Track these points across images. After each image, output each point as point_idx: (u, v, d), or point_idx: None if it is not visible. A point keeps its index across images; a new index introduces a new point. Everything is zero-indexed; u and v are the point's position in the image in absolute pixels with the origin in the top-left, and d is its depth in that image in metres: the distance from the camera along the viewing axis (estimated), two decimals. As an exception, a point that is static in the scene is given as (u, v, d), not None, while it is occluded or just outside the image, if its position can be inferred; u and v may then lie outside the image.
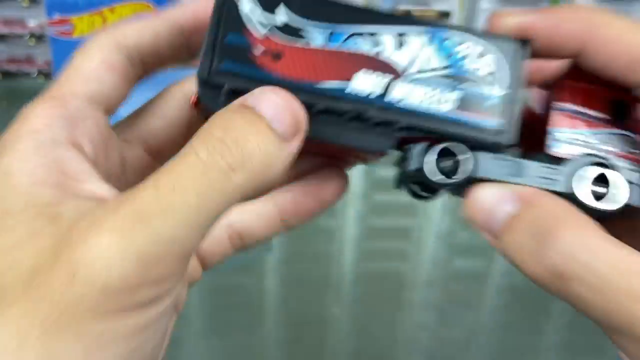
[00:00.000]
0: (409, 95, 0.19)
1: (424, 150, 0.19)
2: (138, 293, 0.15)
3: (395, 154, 0.20)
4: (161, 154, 0.21)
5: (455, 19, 0.90)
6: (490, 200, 0.18)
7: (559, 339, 0.48)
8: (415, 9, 0.89)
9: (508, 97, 0.19)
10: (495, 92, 0.19)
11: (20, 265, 0.15)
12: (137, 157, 0.21)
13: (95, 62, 0.19)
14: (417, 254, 0.55)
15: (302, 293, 0.51)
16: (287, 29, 0.18)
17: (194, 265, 0.23)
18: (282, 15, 0.19)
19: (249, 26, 0.18)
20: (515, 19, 0.19)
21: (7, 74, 0.88)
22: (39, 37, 0.87)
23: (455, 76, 0.19)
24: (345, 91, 0.19)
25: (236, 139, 0.16)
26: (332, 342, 0.47)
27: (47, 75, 0.89)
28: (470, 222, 0.18)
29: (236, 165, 0.16)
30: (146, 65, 0.21)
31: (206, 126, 0.17)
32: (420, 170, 0.19)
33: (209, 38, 0.19)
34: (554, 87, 0.20)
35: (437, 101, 0.19)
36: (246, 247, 0.23)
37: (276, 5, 0.18)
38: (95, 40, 0.20)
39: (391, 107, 0.19)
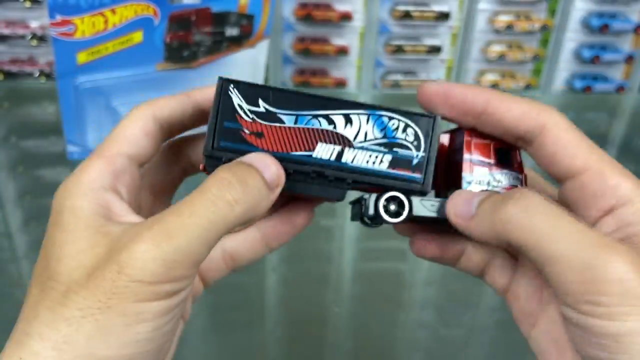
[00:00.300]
0: (356, 158, 0.26)
1: (375, 199, 0.26)
2: (162, 287, 0.21)
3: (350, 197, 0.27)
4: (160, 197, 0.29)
5: (455, 19, 0.91)
6: (466, 197, 0.25)
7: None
8: (415, 9, 0.89)
9: (425, 157, 0.26)
10: (417, 154, 0.26)
11: (85, 265, 0.22)
12: (146, 199, 0.28)
13: (137, 129, 0.26)
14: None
15: (302, 292, 0.51)
16: (266, 116, 0.25)
17: (196, 283, 0.28)
18: (261, 106, 0.26)
19: (238, 115, 0.25)
20: (437, 85, 0.27)
21: (10, 74, 0.89)
22: (40, 38, 0.87)
23: (388, 144, 0.26)
24: (310, 157, 0.26)
25: (240, 181, 0.23)
26: (332, 341, 0.47)
27: (49, 75, 0.89)
28: (451, 215, 0.26)
29: (238, 199, 0.22)
30: (172, 131, 0.27)
31: (215, 173, 0.23)
32: (376, 214, 0.26)
33: (211, 123, 0.25)
34: (464, 143, 0.27)
35: (377, 162, 0.26)
36: (237, 267, 0.29)
37: (257, 99, 0.25)
38: (138, 110, 0.26)
39: (343, 168, 0.26)
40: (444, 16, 0.90)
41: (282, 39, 0.91)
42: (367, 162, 0.26)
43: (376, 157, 0.26)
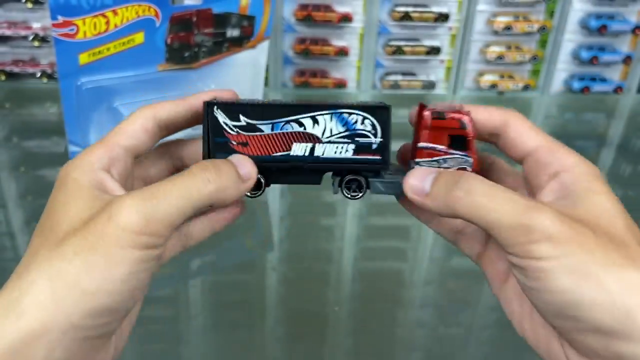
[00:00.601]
0: (326, 151, 0.31)
1: (339, 182, 0.32)
2: (141, 238, 0.26)
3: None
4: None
5: (454, 19, 0.91)
6: (422, 173, 0.30)
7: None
8: (414, 10, 0.90)
9: (382, 142, 0.31)
10: (375, 140, 0.31)
11: (82, 218, 0.27)
12: (139, 185, 0.33)
13: (137, 125, 0.31)
14: (415, 253, 0.56)
15: (302, 291, 0.52)
16: (247, 128, 0.31)
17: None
18: (242, 121, 0.31)
19: (225, 131, 0.31)
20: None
21: (12, 75, 0.89)
22: (42, 39, 0.87)
23: (351, 135, 0.31)
24: (289, 155, 0.31)
25: (216, 167, 0.29)
26: (331, 340, 0.47)
27: (51, 76, 0.89)
28: (408, 193, 0.30)
29: (212, 180, 0.28)
30: (168, 130, 0.32)
31: (201, 160, 0.30)
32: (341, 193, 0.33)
33: (204, 141, 0.31)
34: (417, 132, 0.32)
35: (343, 151, 0.31)
36: (188, 246, 0.33)
37: (237, 115, 0.31)
38: (141, 109, 0.32)
39: (317, 160, 0.31)
40: (443, 17, 0.90)
41: (283, 40, 0.91)
42: (335, 152, 0.31)
43: (342, 147, 0.31)
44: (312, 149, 0.31)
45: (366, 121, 0.31)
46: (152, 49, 0.69)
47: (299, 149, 0.31)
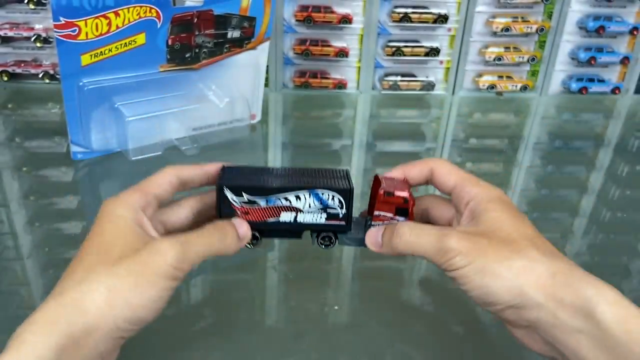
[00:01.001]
0: (305, 218, 0.43)
1: (316, 236, 0.44)
2: (173, 271, 0.36)
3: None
4: (171, 232, 0.44)
5: (453, 20, 0.92)
6: (375, 233, 0.43)
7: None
8: (414, 11, 0.90)
9: (346, 213, 0.43)
10: (341, 211, 0.43)
11: (131, 248, 0.36)
12: (159, 229, 0.42)
13: (165, 180, 0.42)
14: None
15: (302, 290, 0.52)
16: (248, 202, 0.42)
17: None
18: (244, 197, 0.42)
19: (232, 204, 0.42)
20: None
21: (14, 75, 0.89)
22: (45, 40, 0.88)
23: (324, 208, 0.43)
24: (278, 221, 0.43)
25: (224, 229, 0.41)
26: (331, 339, 0.47)
27: (53, 76, 0.89)
28: (370, 246, 0.44)
29: (221, 239, 0.40)
30: (185, 187, 0.44)
31: (214, 221, 0.41)
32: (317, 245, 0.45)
33: (217, 211, 0.42)
34: (376, 203, 0.43)
35: (318, 218, 0.43)
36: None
37: (241, 193, 0.42)
38: (168, 168, 0.43)
39: (299, 224, 0.43)
40: (442, 18, 0.91)
41: (283, 41, 0.92)
42: (312, 219, 0.43)
43: (318, 215, 0.43)
44: (295, 217, 0.43)
45: (335, 198, 0.43)
46: (154, 50, 0.69)
47: (286, 217, 0.43)
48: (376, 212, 0.44)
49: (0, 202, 0.64)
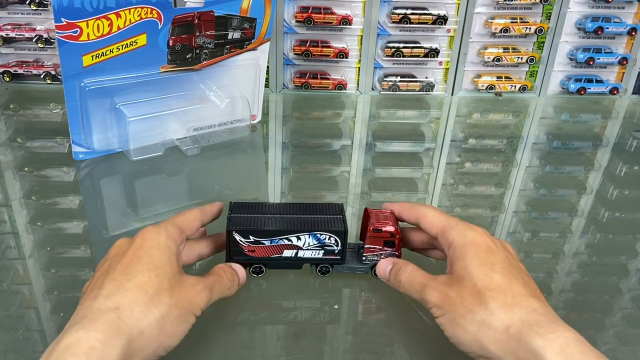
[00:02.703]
0: (305, 254, 0.50)
1: (315, 267, 0.52)
2: (199, 312, 0.42)
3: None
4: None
5: (452, 22, 0.92)
6: (384, 265, 0.50)
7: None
8: (413, 13, 0.90)
9: (341, 249, 0.50)
10: (337, 249, 0.50)
11: (176, 283, 0.41)
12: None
13: (195, 224, 0.49)
14: (414, 251, 0.56)
15: (302, 289, 0.52)
16: (254, 242, 0.49)
17: None
18: (251, 238, 0.49)
19: (240, 244, 0.49)
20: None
21: (16, 76, 0.90)
22: (46, 41, 0.88)
23: (321, 245, 0.50)
24: (281, 257, 0.50)
25: (230, 273, 0.47)
26: (330, 338, 0.47)
27: (55, 77, 0.90)
28: (380, 276, 0.50)
29: (229, 286, 0.47)
30: (202, 225, 0.51)
31: (222, 268, 0.48)
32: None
33: (227, 251, 0.50)
34: (366, 238, 0.51)
35: (316, 254, 0.50)
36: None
37: (248, 236, 0.49)
38: (196, 213, 0.50)
39: (299, 259, 0.50)
40: (441, 20, 0.91)
41: (283, 42, 0.92)
42: (311, 254, 0.50)
43: (316, 252, 0.50)
44: (296, 253, 0.50)
45: (331, 238, 0.49)
46: (155, 51, 0.70)
47: (288, 253, 0.50)
48: (367, 246, 0.51)
49: (2, 202, 0.64)
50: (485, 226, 0.48)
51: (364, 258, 0.51)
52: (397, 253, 0.51)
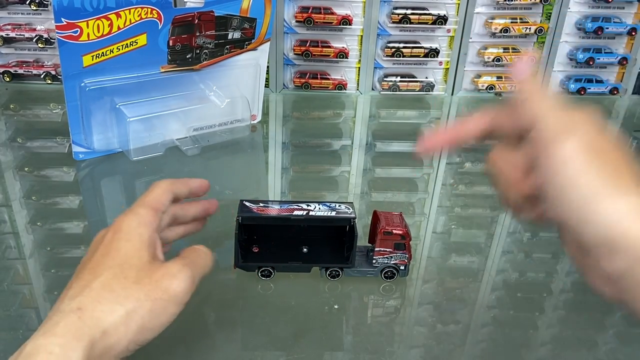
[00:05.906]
0: (316, 213, 0.50)
1: (325, 270, 0.52)
2: (183, 298, 0.39)
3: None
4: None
5: (452, 22, 0.92)
6: (524, 69, 0.38)
7: (552, 334, 0.49)
8: (413, 13, 0.91)
9: (351, 252, 0.51)
10: (349, 212, 0.51)
11: (147, 268, 0.38)
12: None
13: (166, 197, 0.45)
14: (414, 252, 0.56)
15: (302, 289, 0.52)
16: (264, 206, 0.51)
17: None
18: (261, 204, 0.51)
19: (250, 207, 0.50)
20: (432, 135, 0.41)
21: (16, 76, 0.90)
22: (47, 41, 0.88)
23: (333, 209, 0.50)
24: (291, 216, 0.50)
25: (206, 252, 0.43)
26: (330, 338, 0.47)
27: (55, 77, 0.90)
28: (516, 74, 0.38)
29: (207, 262, 0.43)
30: (175, 200, 0.47)
31: (194, 247, 0.44)
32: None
33: (235, 249, 0.51)
34: (377, 240, 0.51)
35: (328, 213, 0.50)
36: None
37: (258, 202, 0.52)
38: (164, 185, 0.45)
39: (311, 218, 0.50)
40: (441, 20, 0.91)
41: (283, 42, 0.92)
42: (323, 213, 0.50)
43: (328, 211, 0.50)
44: (307, 213, 0.50)
45: (343, 205, 0.51)
46: (155, 51, 0.70)
47: (298, 212, 0.50)
48: (377, 248, 0.51)
49: (2, 202, 0.64)
50: (485, 226, 0.48)
51: (374, 261, 0.51)
52: (407, 255, 0.51)
